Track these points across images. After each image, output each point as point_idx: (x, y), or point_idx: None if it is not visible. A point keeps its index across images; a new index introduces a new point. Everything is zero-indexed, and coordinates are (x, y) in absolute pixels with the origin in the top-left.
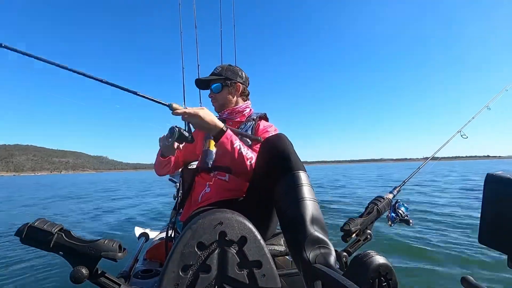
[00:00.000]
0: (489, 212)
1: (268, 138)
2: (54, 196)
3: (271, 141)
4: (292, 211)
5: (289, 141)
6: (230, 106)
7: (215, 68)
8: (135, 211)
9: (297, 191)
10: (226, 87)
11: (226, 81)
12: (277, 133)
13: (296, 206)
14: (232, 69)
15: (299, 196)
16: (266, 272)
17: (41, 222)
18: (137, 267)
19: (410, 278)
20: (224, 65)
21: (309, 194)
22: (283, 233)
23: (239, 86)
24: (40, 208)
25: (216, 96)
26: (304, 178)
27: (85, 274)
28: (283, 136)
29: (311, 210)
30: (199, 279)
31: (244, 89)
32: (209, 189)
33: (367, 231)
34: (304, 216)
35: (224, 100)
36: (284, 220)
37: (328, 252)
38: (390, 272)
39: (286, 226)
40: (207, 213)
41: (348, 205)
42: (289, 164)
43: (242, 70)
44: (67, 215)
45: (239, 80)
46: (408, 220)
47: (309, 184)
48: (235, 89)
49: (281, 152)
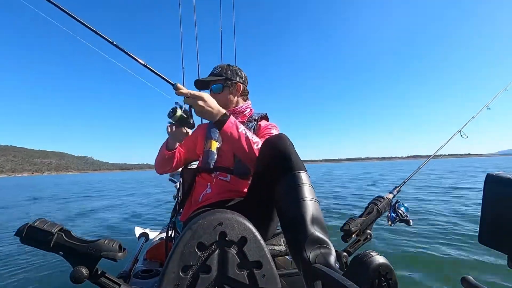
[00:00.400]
0: (489, 212)
1: (269, 138)
2: (30, 198)
3: (272, 141)
4: (293, 211)
5: (290, 141)
6: (231, 107)
7: (214, 68)
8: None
9: (297, 191)
10: (227, 87)
11: (226, 82)
12: (278, 133)
13: (297, 206)
14: (232, 68)
15: (300, 196)
16: (266, 272)
17: (41, 222)
18: (137, 267)
19: (410, 278)
20: (224, 65)
21: (310, 194)
22: (283, 233)
23: (240, 86)
24: (14, 209)
25: (216, 97)
26: (305, 178)
27: (85, 274)
28: (284, 136)
29: (311, 210)
30: (199, 280)
31: (244, 89)
32: (210, 190)
33: (367, 231)
34: (305, 216)
35: (225, 101)
36: (284, 220)
37: (329, 252)
38: (390, 272)
39: (287, 226)
40: (207, 214)
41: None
42: (290, 164)
43: (241, 69)
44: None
45: (239, 80)
46: (408, 220)
47: (310, 184)
48: (236, 89)
49: (282, 152)
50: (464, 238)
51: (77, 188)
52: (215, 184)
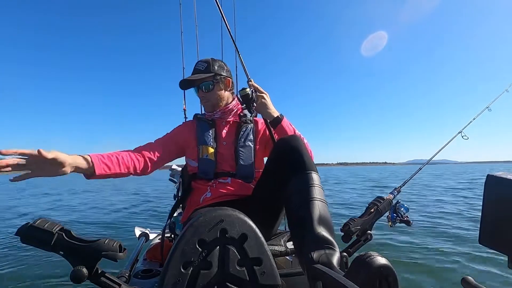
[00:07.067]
0: (489, 213)
1: (284, 138)
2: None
3: (287, 140)
4: (302, 209)
5: (303, 142)
6: (223, 103)
7: (197, 63)
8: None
9: (308, 191)
10: (217, 84)
11: (216, 77)
12: (292, 134)
13: (306, 205)
14: (218, 62)
15: (310, 195)
16: (266, 269)
17: (42, 221)
18: (137, 267)
19: (410, 278)
20: (208, 59)
21: (319, 195)
22: (290, 231)
23: (229, 80)
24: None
25: (207, 95)
26: (316, 179)
27: (85, 274)
28: (298, 137)
29: (319, 210)
30: (200, 276)
31: (232, 83)
32: (210, 194)
33: (368, 232)
34: (312, 216)
35: (217, 99)
36: (292, 218)
37: (333, 252)
38: (391, 273)
39: (294, 224)
40: (208, 211)
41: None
42: (303, 164)
43: (224, 62)
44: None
45: (227, 74)
46: (409, 220)
47: (320, 185)
48: (225, 85)
49: (296, 152)
50: (464, 238)
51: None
52: (216, 188)
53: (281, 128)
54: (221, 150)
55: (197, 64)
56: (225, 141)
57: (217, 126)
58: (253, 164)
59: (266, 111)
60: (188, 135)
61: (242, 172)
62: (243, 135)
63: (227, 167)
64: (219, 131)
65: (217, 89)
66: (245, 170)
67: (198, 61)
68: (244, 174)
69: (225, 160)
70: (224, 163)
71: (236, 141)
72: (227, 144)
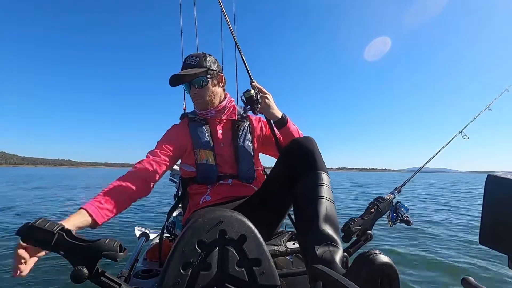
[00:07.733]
0: (489, 213)
1: (297, 139)
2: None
3: (300, 141)
4: (310, 207)
5: (316, 144)
6: (217, 100)
7: (187, 58)
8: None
9: (317, 189)
10: (210, 79)
11: (208, 72)
12: (306, 135)
13: (314, 203)
14: (210, 57)
15: (319, 194)
16: (265, 269)
17: (42, 221)
18: (137, 267)
19: (410, 278)
20: (199, 54)
21: (328, 194)
22: (296, 227)
23: (221, 76)
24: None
25: (200, 92)
26: (326, 179)
27: (86, 273)
28: (312, 138)
29: (326, 209)
30: (199, 277)
31: (224, 79)
32: (209, 197)
33: (368, 232)
34: (319, 213)
35: (210, 96)
36: (299, 215)
37: (336, 250)
38: (393, 271)
39: (301, 221)
40: (207, 212)
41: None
42: (315, 164)
43: (223, 62)
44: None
45: (219, 69)
46: (409, 220)
47: (329, 186)
48: (218, 81)
49: (310, 152)
50: (464, 239)
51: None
52: (216, 189)
53: (287, 130)
54: (220, 152)
55: (188, 59)
56: (223, 142)
57: (211, 126)
58: (253, 164)
59: (270, 112)
60: (184, 139)
61: (244, 174)
62: (241, 135)
63: (228, 169)
64: (215, 131)
65: (211, 85)
66: (247, 171)
67: (188, 55)
68: (246, 175)
69: (225, 162)
70: (224, 165)
71: (234, 142)
72: (225, 146)
